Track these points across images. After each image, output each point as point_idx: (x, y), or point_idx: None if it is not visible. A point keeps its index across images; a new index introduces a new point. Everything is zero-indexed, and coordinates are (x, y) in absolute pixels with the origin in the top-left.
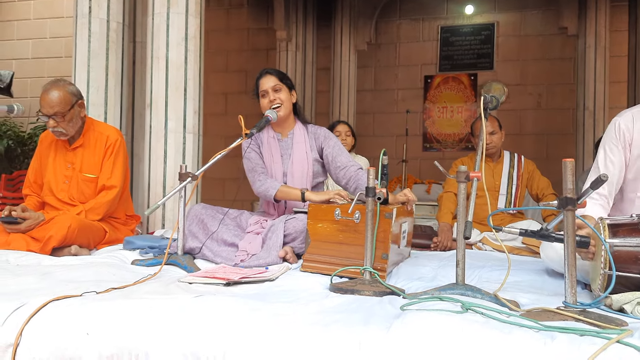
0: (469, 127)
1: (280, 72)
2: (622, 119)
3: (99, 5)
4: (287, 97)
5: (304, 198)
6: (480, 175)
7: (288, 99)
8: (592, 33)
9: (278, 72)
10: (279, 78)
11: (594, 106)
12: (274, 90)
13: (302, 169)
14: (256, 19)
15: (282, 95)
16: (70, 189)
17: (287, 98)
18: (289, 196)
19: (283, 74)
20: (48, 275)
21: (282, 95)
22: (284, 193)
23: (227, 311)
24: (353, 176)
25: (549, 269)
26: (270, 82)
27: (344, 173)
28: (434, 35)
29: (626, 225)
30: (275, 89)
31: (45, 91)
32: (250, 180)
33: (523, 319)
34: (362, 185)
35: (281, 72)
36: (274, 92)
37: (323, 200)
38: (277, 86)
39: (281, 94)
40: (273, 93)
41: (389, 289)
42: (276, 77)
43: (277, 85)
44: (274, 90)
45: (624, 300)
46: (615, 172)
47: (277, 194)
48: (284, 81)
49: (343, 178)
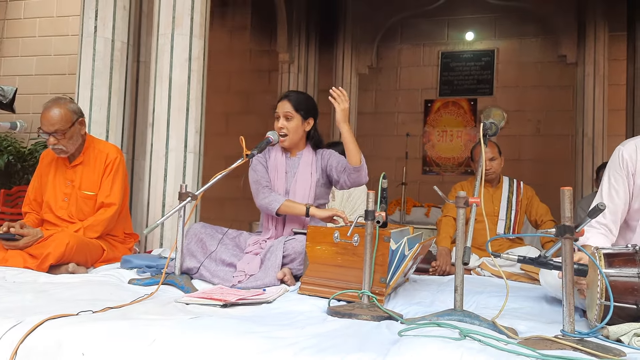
0: (468, 151)
1: (300, 99)
2: (626, 148)
3: (105, 25)
4: (297, 126)
5: (308, 213)
6: (480, 201)
7: (297, 128)
8: (591, 61)
9: (297, 99)
10: (294, 106)
11: (592, 134)
12: (285, 117)
13: (305, 188)
14: (259, 41)
15: (290, 125)
16: (70, 207)
17: (295, 128)
18: (293, 211)
19: (301, 102)
20: (44, 293)
21: (291, 124)
22: (288, 207)
23: (223, 333)
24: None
25: (548, 296)
26: (284, 107)
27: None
28: (435, 60)
29: (622, 255)
30: (287, 117)
31: (46, 109)
32: (254, 191)
33: (521, 347)
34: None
35: (301, 99)
36: (285, 119)
37: (327, 216)
38: (289, 114)
39: (290, 123)
40: (283, 120)
41: (386, 313)
42: (292, 104)
43: (289, 113)
44: (285, 118)
45: (621, 332)
46: (619, 203)
47: (280, 207)
48: (299, 110)
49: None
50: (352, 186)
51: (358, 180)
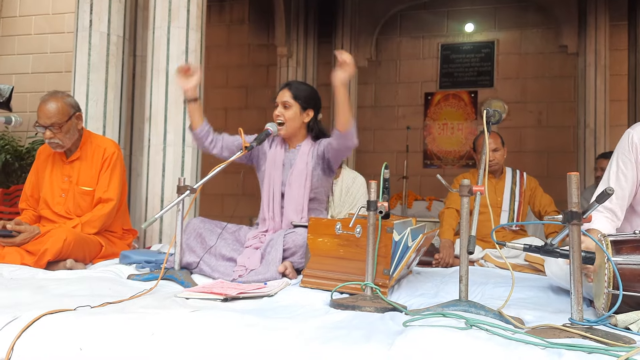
0: (469, 144)
1: (301, 89)
2: (636, 132)
3: (100, 19)
4: (295, 115)
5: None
6: (484, 190)
7: (295, 117)
8: (592, 51)
9: (297, 88)
10: (293, 95)
11: (594, 124)
12: (283, 105)
13: (300, 179)
14: (257, 35)
15: (288, 113)
16: (67, 202)
17: (293, 116)
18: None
19: (300, 92)
20: (42, 289)
21: (288, 113)
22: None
23: (223, 326)
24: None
25: (553, 286)
26: (283, 96)
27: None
28: (435, 52)
29: (630, 242)
30: (285, 105)
31: (43, 102)
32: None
33: (529, 335)
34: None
35: (302, 89)
36: (282, 107)
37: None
38: (288, 103)
39: (288, 112)
40: (281, 108)
41: (390, 305)
42: (291, 93)
43: (287, 102)
44: (283, 106)
45: (629, 320)
46: (627, 186)
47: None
48: (298, 99)
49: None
50: (338, 151)
51: (346, 145)
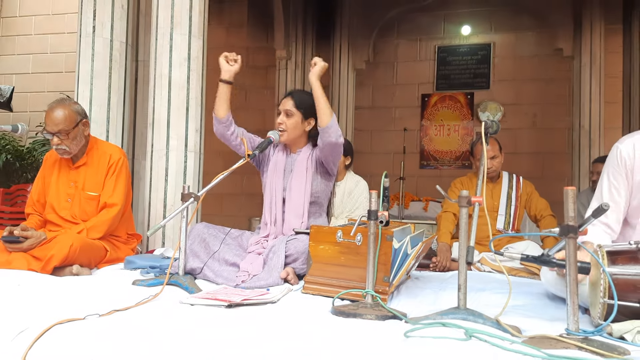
0: (465, 145)
1: (303, 98)
2: (624, 146)
3: (103, 25)
4: (296, 123)
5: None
6: (482, 200)
7: (296, 125)
8: (587, 53)
9: (300, 97)
10: (296, 104)
11: (589, 126)
12: (286, 114)
13: (301, 183)
14: (256, 37)
15: (290, 121)
16: (73, 207)
17: (295, 125)
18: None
19: (303, 101)
20: (50, 296)
21: (290, 121)
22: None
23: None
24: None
25: (549, 292)
26: (286, 104)
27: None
28: (431, 54)
29: (625, 253)
30: (287, 113)
31: (50, 109)
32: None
33: (526, 346)
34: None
35: (304, 98)
36: (285, 115)
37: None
38: (290, 111)
39: (290, 120)
40: (284, 116)
41: (391, 312)
42: (294, 102)
43: (289, 110)
44: (285, 114)
45: (624, 329)
46: (620, 201)
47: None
48: (300, 108)
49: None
50: (324, 149)
51: (328, 140)
